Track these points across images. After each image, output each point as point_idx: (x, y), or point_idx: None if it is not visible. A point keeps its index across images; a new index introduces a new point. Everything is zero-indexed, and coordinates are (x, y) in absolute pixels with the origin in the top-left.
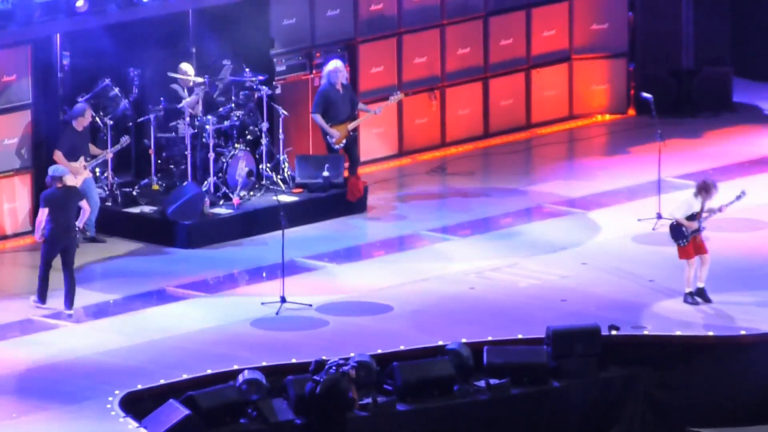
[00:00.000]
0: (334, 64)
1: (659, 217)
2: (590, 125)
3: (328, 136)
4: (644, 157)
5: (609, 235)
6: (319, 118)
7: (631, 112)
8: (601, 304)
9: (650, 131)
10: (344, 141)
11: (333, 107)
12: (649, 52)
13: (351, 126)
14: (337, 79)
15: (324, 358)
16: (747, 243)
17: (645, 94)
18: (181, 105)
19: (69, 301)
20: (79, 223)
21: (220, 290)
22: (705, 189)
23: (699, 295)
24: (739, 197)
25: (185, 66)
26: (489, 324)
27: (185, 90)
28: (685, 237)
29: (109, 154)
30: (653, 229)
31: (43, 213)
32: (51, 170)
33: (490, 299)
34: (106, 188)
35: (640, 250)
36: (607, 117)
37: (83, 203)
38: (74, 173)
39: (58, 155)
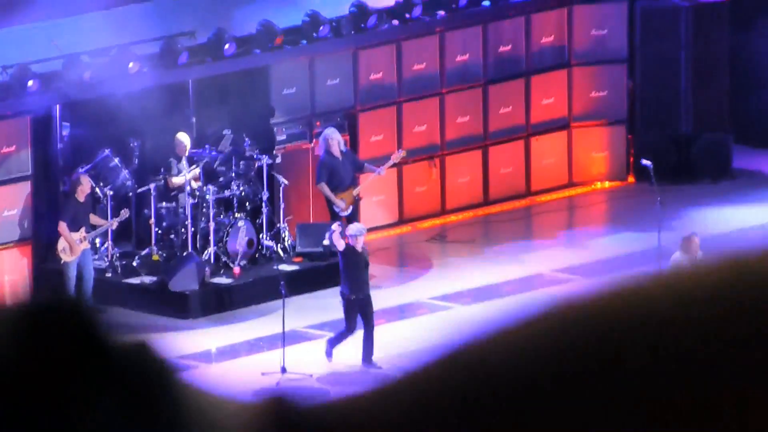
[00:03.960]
0: (326, 132)
1: None
2: (590, 193)
3: (334, 206)
4: (644, 225)
5: None
6: (324, 187)
7: (631, 179)
8: None
9: (650, 198)
10: (351, 208)
11: (335, 175)
12: (648, 119)
13: (356, 192)
14: (330, 146)
15: None
16: None
17: (645, 161)
18: (178, 182)
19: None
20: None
21: (220, 360)
22: (686, 241)
23: None
24: None
25: (182, 135)
26: None
27: (183, 160)
28: None
29: (114, 223)
30: None
31: None
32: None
33: None
34: (106, 259)
35: None
36: (607, 184)
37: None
38: (73, 244)
39: (62, 226)
